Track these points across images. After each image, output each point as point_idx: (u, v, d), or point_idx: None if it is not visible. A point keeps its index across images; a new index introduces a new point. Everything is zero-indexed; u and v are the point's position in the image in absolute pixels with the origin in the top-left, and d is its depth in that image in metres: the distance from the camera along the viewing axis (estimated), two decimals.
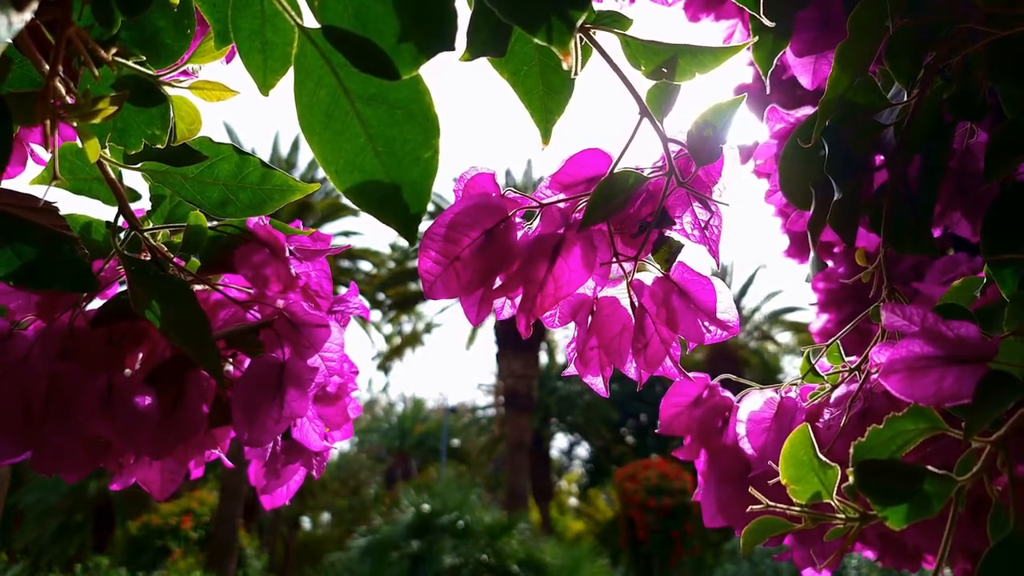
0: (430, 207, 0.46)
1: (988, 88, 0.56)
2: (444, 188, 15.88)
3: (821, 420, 0.55)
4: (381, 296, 14.32)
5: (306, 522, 20.04)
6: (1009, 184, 0.55)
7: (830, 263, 1.50)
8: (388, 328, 16.15)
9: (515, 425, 13.55)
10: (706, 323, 0.52)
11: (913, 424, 0.41)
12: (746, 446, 0.54)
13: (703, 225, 0.53)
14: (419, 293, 14.07)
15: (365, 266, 14.12)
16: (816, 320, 1.54)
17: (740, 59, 0.52)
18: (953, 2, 0.55)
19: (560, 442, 24.41)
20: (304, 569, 13.15)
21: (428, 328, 16.83)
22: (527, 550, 8.60)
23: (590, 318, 0.55)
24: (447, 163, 0.45)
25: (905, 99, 0.58)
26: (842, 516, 0.42)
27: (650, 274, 0.54)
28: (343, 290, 0.64)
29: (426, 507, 8.93)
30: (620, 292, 0.55)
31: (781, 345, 17.57)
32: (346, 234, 13.72)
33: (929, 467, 0.39)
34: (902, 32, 0.54)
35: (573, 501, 22.59)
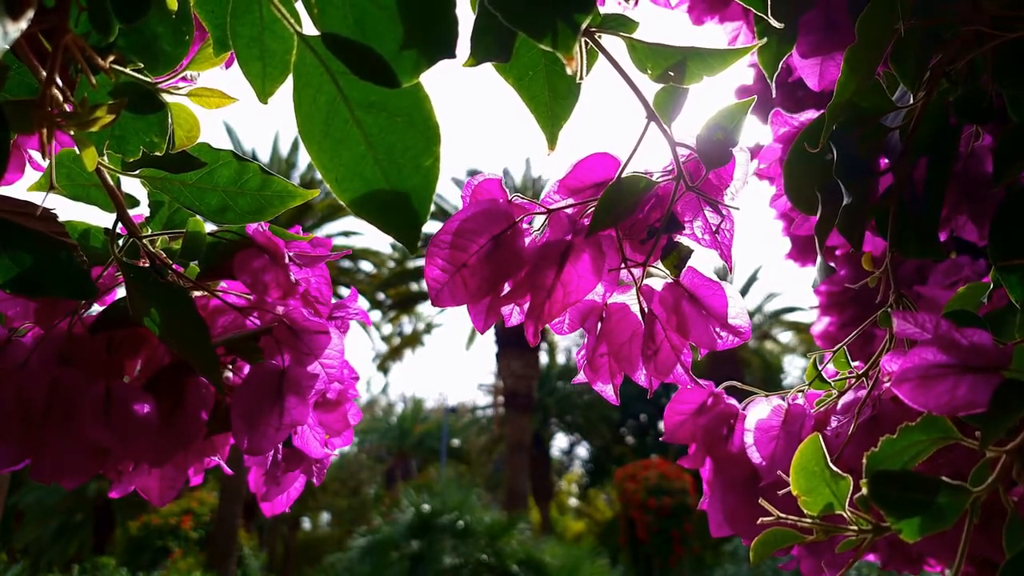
0: (431, 208, 0.46)
1: (994, 91, 0.56)
2: (443, 189, 15.88)
3: (829, 427, 0.54)
4: (381, 296, 14.32)
5: (306, 522, 20.06)
6: (1016, 188, 0.54)
7: (831, 265, 1.50)
8: (388, 328, 16.17)
9: (515, 425, 13.55)
10: (717, 329, 0.52)
11: (926, 434, 0.41)
12: (754, 455, 0.54)
13: (714, 229, 0.52)
14: (419, 293, 14.08)
15: (365, 266, 14.12)
16: (817, 323, 1.53)
17: (741, 60, 0.51)
18: (959, 4, 0.54)
19: (560, 442, 24.45)
20: (304, 569, 13.15)
21: (428, 328, 16.83)
22: (527, 550, 8.60)
23: (599, 325, 0.55)
24: (445, 163, 0.45)
25: (911, 102, 0.57)
26: (855, 528, 0.41)
27: (660, 280, 0.54)
28: (343, 291, 0.64)
29: (426, 507, 8.93)
30: (630, 298, 0.55)
31: (782, 345, 17.58)
32: (346, 234, 13.71)
33: (943, 478, 0.39)
34: (908, 34, 0.53)
35: (573, 501, 22.60)
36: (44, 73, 0.41)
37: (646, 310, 0.53)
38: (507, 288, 0.52)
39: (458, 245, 0.49)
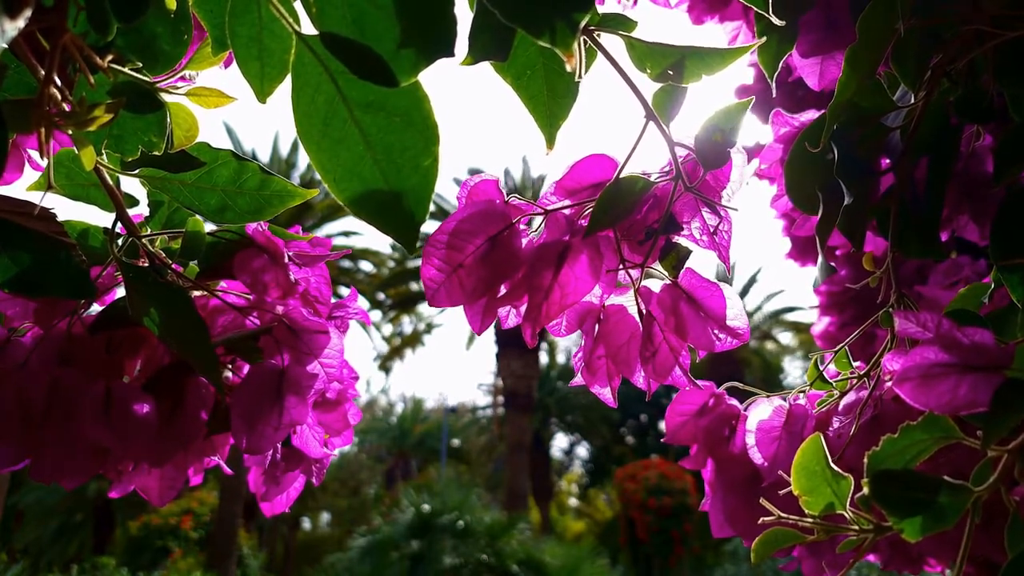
0: (429, 208, 0.46)
1: (995, 90, 0.55)
2: (442, 188, 15.89)
3: (831, 428, 0.54)
4: (381, 296, 14.31)
5: (306, 522, 20.06)
6: (1016, 187, 0.54)
7: (832, 265, 1.50)
8: (388, 328, 16.16)
9: (515, 425, 13.55)
10: (716, 330, 0.52)
11: (927, 433, 0.41)
12: (755, 455, 0.53)
13: (712, 230, 0.52)
14: (420, 293, 14.05)
15: (365, 266, 14.12)
16: (818, 323, 1.53)
17: (740, 60, 0.51)
18: (959, 4, 0.54)
19: (560, 442, 24.45)
20: (304, 569, 13.16)
21: (428, 328, 16.82)
22: (527, 550, 8.60)
23: (597, 326, 0.54)
24: (444, 162, 0.45)
25: (911, 101, 0.57)
26: (856, 527, 0.41)
27: (658, 281, 0.53)
28: (343, 291, 0.64)
29: (426, 507, 8.94)
30: (627, 300, 0.54)
31: (782, 345, 17.58)
32: (346, 234, 13.70)
33: (945, 477, 0.39)
34: (908, 34, 0.53)
35: (573, 501, 22.61)
36: (42, 72, 0.40)
37: (644, 311, 0.53)
38: (504, 289, 0.52)
39: (454, 245, 0.49)
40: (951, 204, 0.62)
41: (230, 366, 0.60)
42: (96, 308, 0.57)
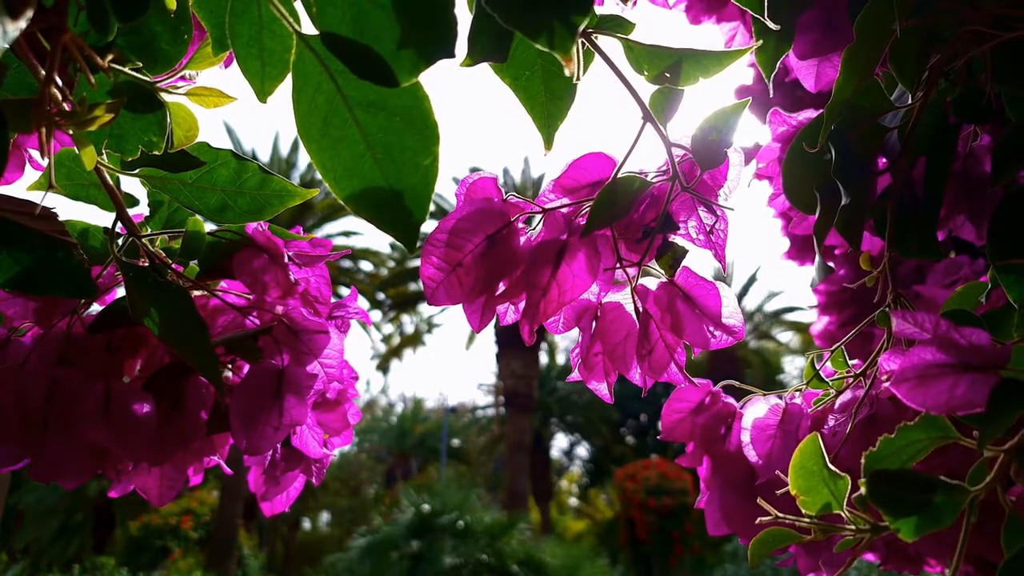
0: (429, 207, 0.46)
1: (992, 91, 0.56)
2: (442, 188, 15.88)
3: (826, 426, 0.54)
4: (381, 296, 14.32)
5: (306, 522, 20.06)
6: (1014, 187, 0.54)
7: (830, 264, 1.50)
8: (388, 328, 16.16)
9: (515, 425, 13.55)
10: (711, 328, 0.52)
11: (924, 433, 0.41)
12: (751, 453, 0.54)
13: (708, 229, 0.53)
14: (419, 293, 14.05)
15: (365, 266, 14.13)
16: (817, 322, 1.53)
17: (739, 60, 0.52)
18: (958, 4, 0.54)
19: (560, 442, 24.46)
20: (304, 569, 13.17)
21: (429, 327, 16.82)
22: (527, 550, 8.61)
23: (594, 324, 0.55)
24: (444, 162, 0.45)
25: (909, 102, 0.57)
26: (852, 527, 0.41)
27: (654, 279, 0.54)
28: (343, 291, 0.64)
29: (426, 507, 8.94)
30: (624, 297, 0.55)
31: (782, 345, 17.59)
32: (346, 234, 13.71)
33: (941, 477, 0.39)
34: (906, 34, 0.53)
35: (573, 501, 22.61)
36: (43, 72, 0.41)
37: (641, 309, 0.53)
38: (502, 287, 0.52)
39: (453, 244, 0.49)
40: (949, 204, 0.62)
41: (230, 366, 0.60)
42: (96, 308, 0.57)
